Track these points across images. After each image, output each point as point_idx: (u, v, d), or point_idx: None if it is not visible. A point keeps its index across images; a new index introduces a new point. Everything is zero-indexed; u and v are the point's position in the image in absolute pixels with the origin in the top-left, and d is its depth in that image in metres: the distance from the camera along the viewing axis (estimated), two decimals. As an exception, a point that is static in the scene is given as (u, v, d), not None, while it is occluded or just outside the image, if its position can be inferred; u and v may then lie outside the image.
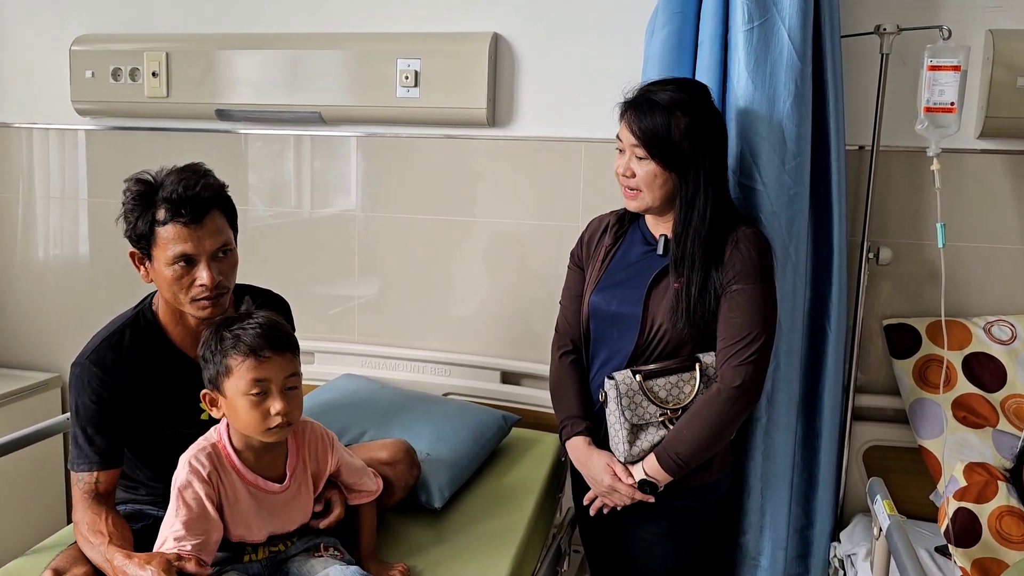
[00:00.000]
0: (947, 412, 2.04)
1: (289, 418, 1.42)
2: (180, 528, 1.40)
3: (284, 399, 1.41)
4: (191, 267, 1.53)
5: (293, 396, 1.44)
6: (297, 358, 1.46)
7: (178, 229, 1.51)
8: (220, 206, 1.58)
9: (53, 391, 2.82)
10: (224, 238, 1.57)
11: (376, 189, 2.55)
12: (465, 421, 2.13)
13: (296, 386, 1.45)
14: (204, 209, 1.53)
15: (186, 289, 1.54)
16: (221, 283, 1.55)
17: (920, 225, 2.15)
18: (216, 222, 1.55)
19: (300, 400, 1.47)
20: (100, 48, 2.61)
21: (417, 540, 1.77)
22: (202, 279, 1.53)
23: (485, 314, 2.50)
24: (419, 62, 2.35)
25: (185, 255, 1.52)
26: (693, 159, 1.62)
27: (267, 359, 1.40)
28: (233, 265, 1.61)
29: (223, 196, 1.59)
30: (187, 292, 1.55)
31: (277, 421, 1.40)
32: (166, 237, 1.51)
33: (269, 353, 1.41)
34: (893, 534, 1.48)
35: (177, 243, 1.51)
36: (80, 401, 1.56)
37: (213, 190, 1.55)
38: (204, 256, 1.53)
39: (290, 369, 1.43)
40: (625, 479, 1.67)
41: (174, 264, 1.52)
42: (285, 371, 1.42)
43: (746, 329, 1.62)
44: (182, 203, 1.50)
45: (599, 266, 1.78)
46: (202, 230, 1.52)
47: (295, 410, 1.44)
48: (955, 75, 1.87)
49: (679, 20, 1.95)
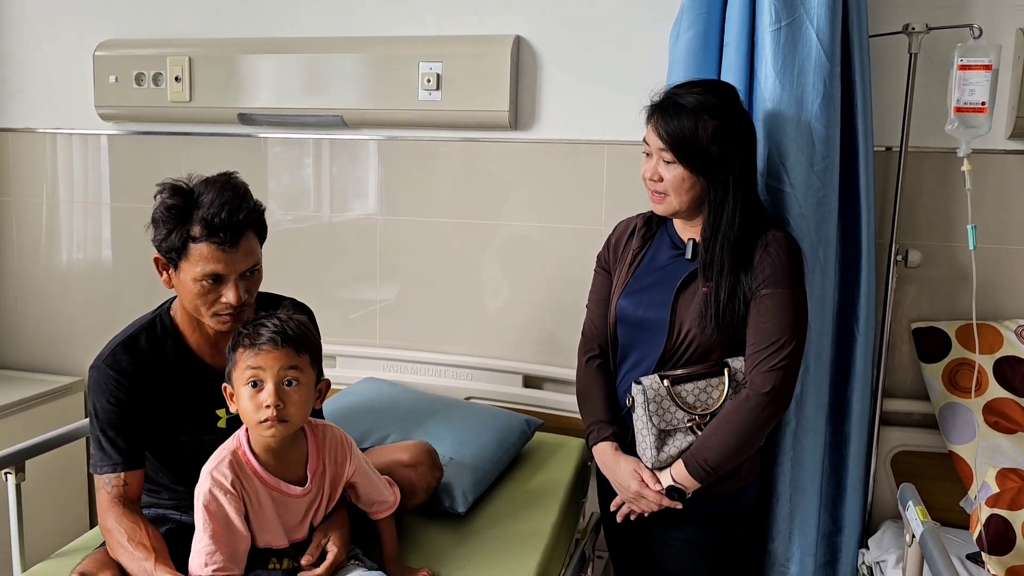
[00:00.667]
0: (978, 417, 2.01)
1: (282, 414, 1.39)
2: (208, 542, 1.40)
3: (276, 392, 1.39)
4: (218, 285, 1.53)
5: (290, 392, 1.41)
6: (304, 356, 1.44)
7: (212, 250, 1.50)
8: (255, 227, 1.57)
9: (76, 395, 2.83)
10: (255, 259, 1.57)
11: (397, 193, 2.55)
12: (488, 425, 2.12)
13: (295, 381, 1.42)
14: (240, 233, 1.52)
15: (209, 304, 1.54)
16: (246, 301, 1.56)
17: (950, 227, 2.13)
18: (250, 244, 1.55)
19: (300, 399, 1.43)
20: (123, 53, 2.63)
21: (441, 545, 1.76)
22: (228, 298, 1.53)
23: (506, 318, 2.49)
24: (441, 65, 2.35)
25: (216, 274, 1.52)
26: (721, 163, 1.60)
27: (264, 351, 1.40)
28: (258, 282, 1.61)
29: (258, 216, 1.58)
30: (210, 307, 1.55)
31: (266, 414, 1.39)
32: (198, 255, 1.51)
33: (267, 346, 1.40)
34: (927, 541, 1.45)
35: (209, 263, 1.50)
36: (98, 404, 1.56)
37: (254, 215, 1.55)
38: (233, 276, 1.53)
39: (288, 362, 1.41)
40: (652, 485, 1.65)
41: (202, 280, 1.52)
42: (281, 363, 1.40)
43: (776, 334, 1.60)
44: (222, 227, 1.49)
45: (626, 270, 1.76)
46: (236, 253, 1.52)
47: (290, 407, 1.41)
48: (986, 74, 1.85)
49: (704, 21, 1.94)
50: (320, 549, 1.52)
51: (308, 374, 1.45)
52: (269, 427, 1.40)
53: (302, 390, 1.43)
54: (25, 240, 2.90)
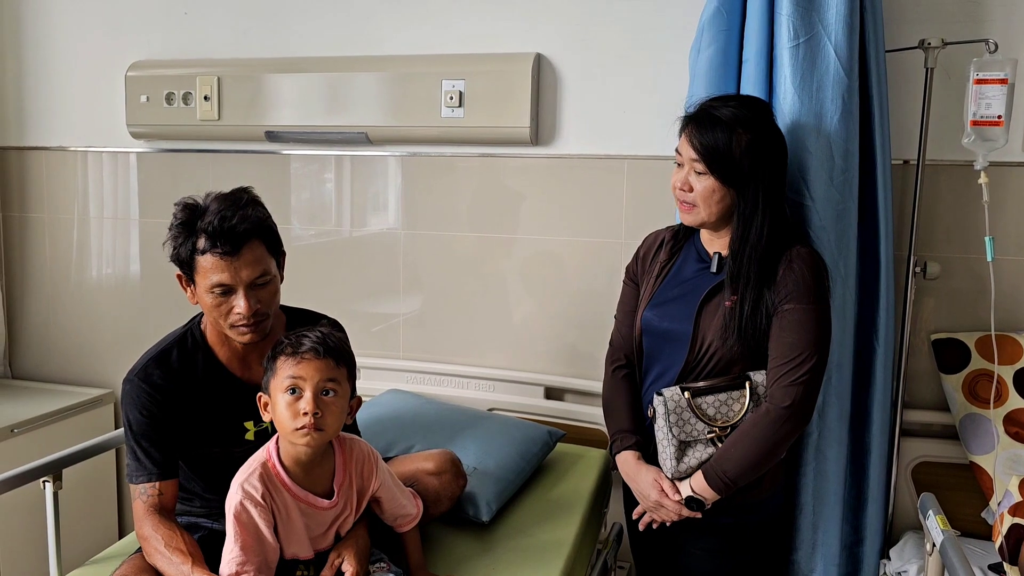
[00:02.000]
0: (998, 428, 2.01)
1: (319, 422, 1.42)
2: (239, 552, 1.43)
3: (315, 401, 1.42)
4: (229, 295, 1.56)
5: (328, 403, 1.44)
6: (343, 369, 1.47)
7: (215, 260, 1.53)
8: (260, 235, 1.58)
9: (107, 407, 2.88)
10: (262, 267, 1.57)
11: (419, 207, 2.59)
12: (511, 436, 2.15)
13: (333, 392, 1.45)
14: (241, 241, 1.54)
15: (225, 315, 1.57)
16: (259, 311, 1.57)
17: (968, 239, 2.14)
18: (255, 252, 1.56)
19: (337, 410, 1.46)
20: (154, 73, 2.70)
21: (465, 553, 1.78)
22: (239, 308, 1.55)
23: (528, 330, 2.52)
24: (463, 83, 2.40)
25: (222, 284, 1.54)
26: (752, 176, 1.62)
27: (305, 360, 1.43)
28: (273, 292, 1.62)
29: (263, 226, 1.59)
30: (226, 318, 1.58)
31: (303, 421, 1.41)
32: (205, 266, 1.54)
33: (309, 355, 1.44)
34: (947, 549, 1.46)
35: (214, 273, 1.53)
36: (132, 416, 1.59)
37: (251, 222, 1.55)
38: (241, 286, 1.55)
39: (328, 374, 1.44)
40: (672, 495, 1.67)
41: (212, 291, 1.55)
42: (322, 374, 1.43)
43: (797, 349, 1.61)
44: (220, 234, 1.52)
45: (653, 282, 1.79)
46: (239, 261, 1.54)
47: (327, 416, 1.43)
48: (1002, 88, 1.87)
49: (724, 39, 1.96)
50: (335, 570, 1.52)
51: (345, 387, 1.48)
52: (305, 434, 1.43)
53: (339, 401, 1.46)
54: (57, 255, 2.97)
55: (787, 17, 1.84)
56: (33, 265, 2.99)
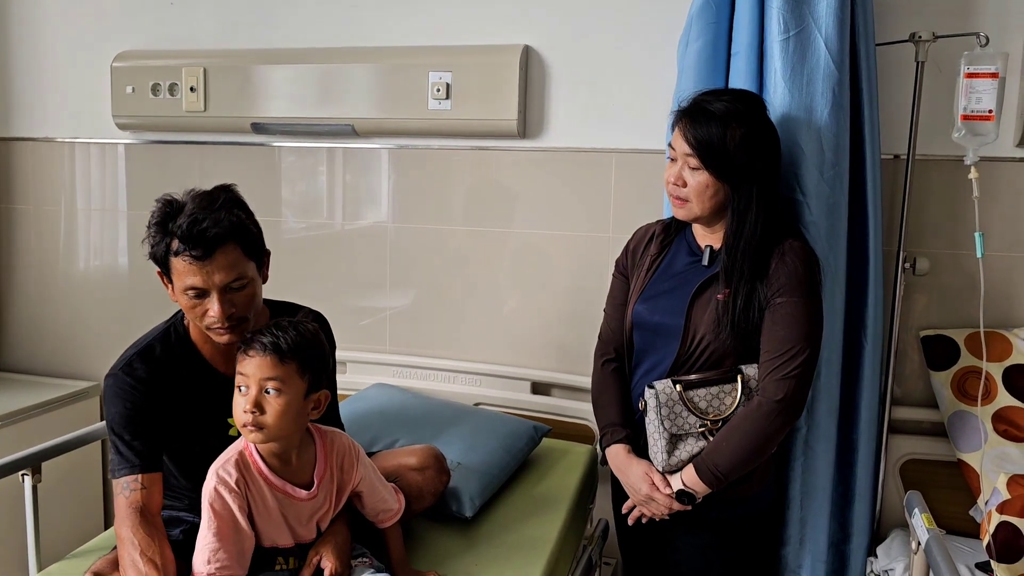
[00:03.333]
0: (987, 425, 2.00)
1: (257, 420, 1.40)
2: (213, 539, 1.41)
3: (255, 399, 1.40)
4: (203, 298, 1.52)
5: (269, 400, 1.41)
6: (288, 365, 1.42)
7: (187, 264, 1.49)
8: (235, 239, 1.52)
9: (92, 399, 2.87)
10: (237, 272, 1.52)
11: (408, 201, 2.57)
12: (496, 431, 2.13)
13: (276, 391, 1.41)
14: (213, 245, 1.48)
15: (200, 317, 1.54)
16: (233, 315, 1.53)
17: (957, 235, 2.12)
18: (228, 256, 1.50)
19: (280, 409, 1.42)
20: (140, 64, 2.67)
21: (448, 549, 1.77)
22: (212, 312, 1.51)
23: (515, 325, 2.50)
24: (451, 74, 2.38)
25: (195, 288, 1.51)
26: (746, 171, 1.61)
27: (248, 357, 1.42)
28: (250, 296, 1.57)
29: (238, 228, 1.53)
30: (202, 320, 1.55)
31: (244, 419, 1.41)
32: (178, 268, 1.51)
33: (253, 352, 1.42)
34: (932, 548, 1.45)
35: (187, 276, 1.50)
36: (115, 409, 1.57)
37: (223, 226, 1.50)
38: (214, 290, 1.51)
39: (268, 372, 1.41)
40: (663, 488, 1.66)
41: (186, 293, 1.52)
42: (262, 372, 1.41)
43: (789, 343, 1.60)
44: (191, 239, 1.48)
45: (644, 275, 1.77)
46: (211, 265, 1.49)
47: (268, 415, 1.41)
48: (993, 82, 1.85)
49: (713, 31, 1.95)
50: (314, 568, 1.51)
51: (293, 384, 1.43)
52: (249, 432, 1.43)
53: (282, 399, 1.42)
54: (44, 247, 2.94)
55: (777, 10, 1.83)
56: (19, 257, 2.97)
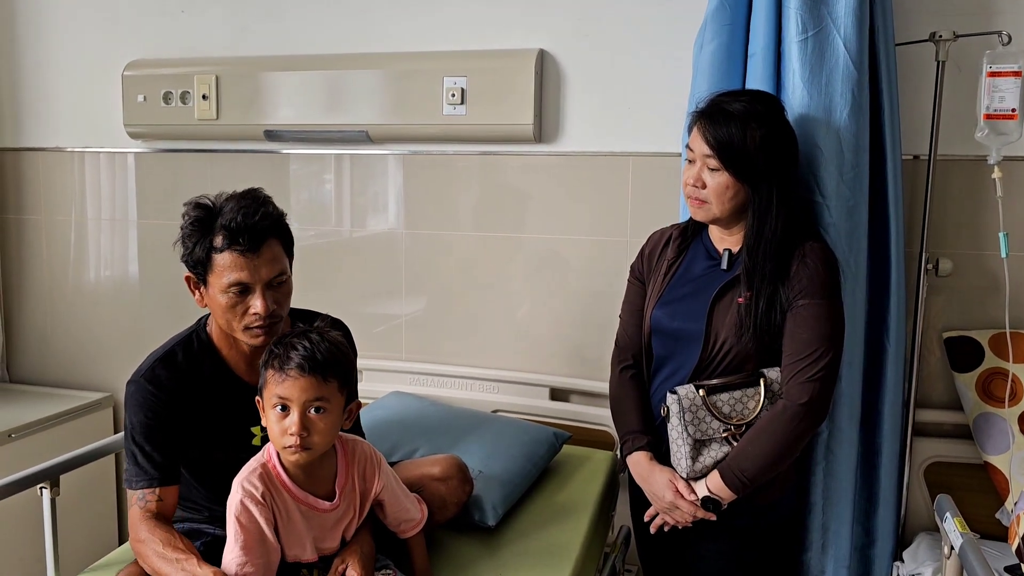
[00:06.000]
0: (1014, 427, 1.98)
1: (305, 441, 1.39)
2: (240, 553, 1.40)
3: (301, 421, 1.39)
4: (245, 295, 1.53)
5: (315, 420, 1.40)
6: (332, 383, 1.41)
7: (235, 257, 1.51)
8: (278, 235, 1.56)
9: (105, 411, 2.85)
10: (280, 267, 1.56)
11: (421, 207, 2.56)
12: (517, 438, 2.11)
13: (322, 410, 1.41)
14: (262, 238, 1.52)
15: (240, 317, 1.54)
16: (275, 312, 1.55)
17: (981, 235, 2.10)
18: (273, 250, 1.54)
19: (326, 427, 1.42)
20: (151, 73, 2.67)
21: (471, 558, 1.76)
22: (256, 308, 1.52)
23: (532, 330, 2.49)
24: (465, 79, 2.36)
25: (240, 283, 1.52)
26: (767, 171, 1.60)
27: (291, 378, 1.39)
28: (287, 294, 1.60)
29: (282, 225, 1.58)
30: (240, 320, 1.54)
31: (290, 441, 1.39)
32: (222, 264, 1.51)
33: (295, 373, 1.39)
34: (967, 553, 1.42)
35: (233, 271, 1.51)
36: (136, 419, 1.56)
37: (272, 219, 1.55)
38: (259, 285, 1.53)
39: (314, 393, 1.39)
40: (688, 495, 1.64)
41: (228, 291, 1.52)
42: (308, 394, 1.39)
43: (813, 345, 1.59)
44: (240, 231, 1.50)
45: (661, 280, 1.76)
46: (259, 259, 1.52)
47: (315, 435, 1.40)
48: (1016, 81, 1.84)
49: (728, 33, 1.94)
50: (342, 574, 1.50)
51: (336, 400, 1.43)
52: (293, 453, 1.41)
53: (328, 417, 1.42)
54: (55, 257, 2.93)
55: (795, 10, 1.82)
56: (30, 268, 2.96)
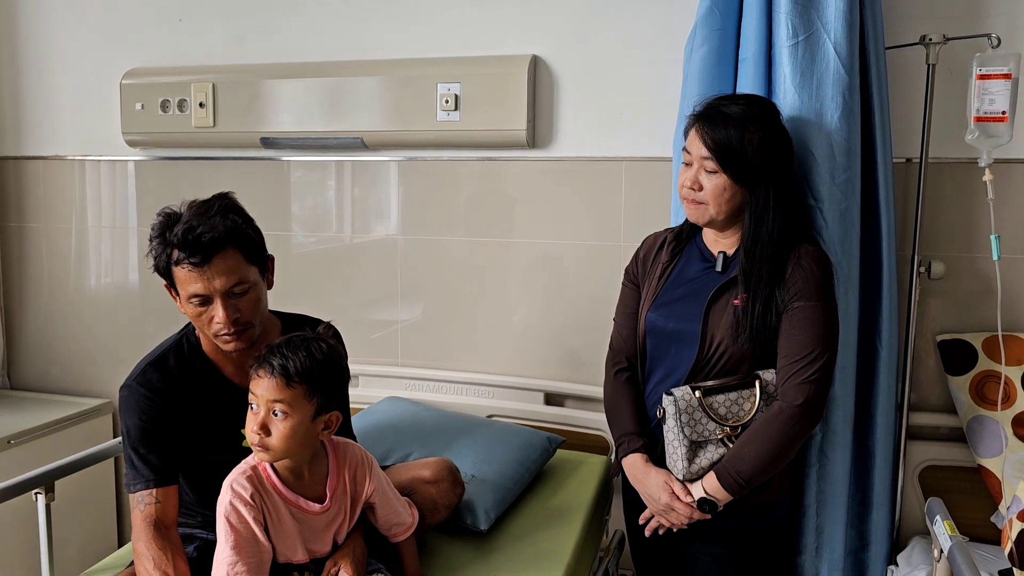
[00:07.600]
0: (1007, 430, 1.98)
1: (263, 441, 1.41)
2: (231, 553, 1.41)
3: (263, 419, 1.41)
4: (207, 305, 1.54)
5: (275, 422, 1.41)
6: (295, 389, 1.41)
7: (187, 271, 1.51)
8: (234, 243, 1.54)
9: (105, 416, 2.87)
10: (238, 276, 1.54)
11: (417, 213, 2.57)
12: (510, 443, 2.12)
13: (282, 413, 1.41)
14: (211, 250, 1.50)
15: (207, 324, 1.56)
16: (239, 319, 1.55)
17: (972, 238, 2.11)
18: (227, 261, 1.52)
19: (284, 431, 1.41)
20: (149, 81, 2.68)
21: (463, 562, 1.76)
22: (217, 317, 1.53)
23: (527, 335, 2.49)
24: (459, 86, 2.38)
25: (198, 295, 1.53)
26: (764, 174, 1.61)
27: (258, 377, 1.42)
28: (254, 301, 1.58)
29: (235, 233, 1.54)
30: (208, 327, 1.56)
31: (253, 439, 1.41)
32: (180, 277, 1.53)
33: (262, 373, 1.42)
34: (956, 555, 1.43)
35: (189, 283, 1.52)
36: (130, 422, 1.57)
37: (219, 231, 1.51)
38: (217, 295, 1.53)
39: (275, 395, 1.40)
40: (684, 497, 1.64)
41: (190, 301, 1.54)
42: (270, 394, 1.41)
43: (808, 347, 1.59)
44: (186, 245, 1.50)
45: (656, 283, 1.76)
46: (211, 270, 1.51)
47: (272, 436, 1.41)
48: (1006, 83, 1.84)
49: (718, 37, 1.94)
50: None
51: (300, 408, 1.42)
52: (257, 451, 1.43)
53: (287, 423, 1.41)
54: (54, 265, 2.95)
55: (786, 15, 1.82)
56: (31, 275, 2.98)
